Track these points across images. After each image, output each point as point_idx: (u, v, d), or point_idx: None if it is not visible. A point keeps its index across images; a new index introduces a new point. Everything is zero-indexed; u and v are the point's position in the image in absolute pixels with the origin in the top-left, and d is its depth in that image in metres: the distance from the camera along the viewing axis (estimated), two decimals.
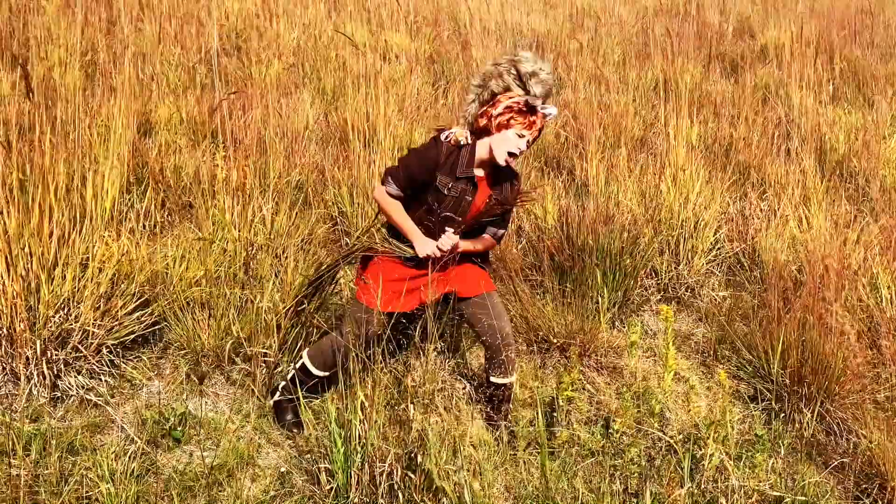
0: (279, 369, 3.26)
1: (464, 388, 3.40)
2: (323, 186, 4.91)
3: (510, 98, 2.85)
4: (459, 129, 2.94)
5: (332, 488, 2.69)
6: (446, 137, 2.91)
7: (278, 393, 3.14)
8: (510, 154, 2.86)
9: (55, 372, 3.07)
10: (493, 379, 3.08)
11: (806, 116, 6.04)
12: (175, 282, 3.44)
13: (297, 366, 3.09)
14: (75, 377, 3.10)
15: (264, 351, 3.24)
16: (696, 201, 4.51)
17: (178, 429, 2.95)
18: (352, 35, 7.84)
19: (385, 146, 4.83)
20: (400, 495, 2.60)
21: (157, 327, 3.39)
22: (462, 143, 2.89)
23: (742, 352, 3.63)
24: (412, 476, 2.59)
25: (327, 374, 3.08)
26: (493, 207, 2.96)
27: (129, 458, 2.73)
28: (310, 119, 5.78)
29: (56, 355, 3.08)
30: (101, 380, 3.15)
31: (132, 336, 3.25)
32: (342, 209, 4.68)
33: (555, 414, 3.15)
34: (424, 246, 2.93)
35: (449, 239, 2.93)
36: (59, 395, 3.06)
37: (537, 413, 3.25)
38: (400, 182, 2.90)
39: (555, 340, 3.59)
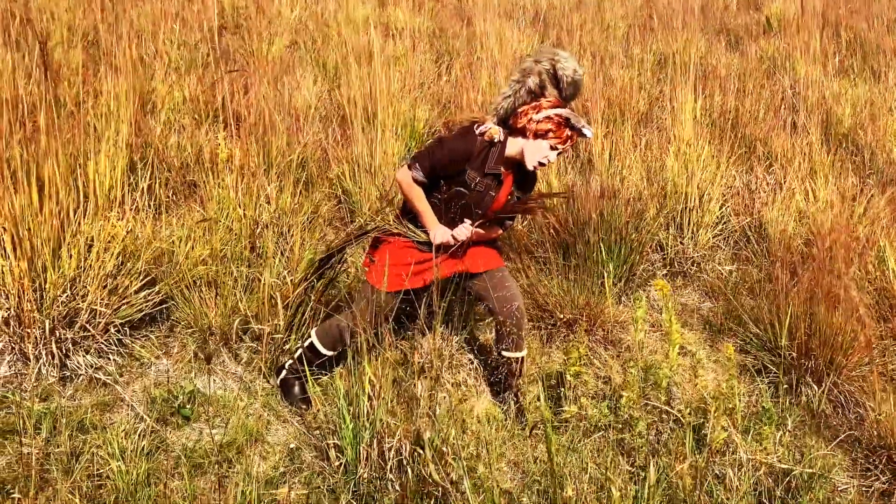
0: (287, 347, 3.27)
1: (471, 364, 3.41)
2: (326, 165, 4.89)
3: (553, 108, 2.85)
4: (493, 125, 2.92)
5: (341, 464, 2.70)
6: (480, 132, 2.89)
7: (285, 371, 3.15)
8: (539, 163, 2.87)
9: (64, 351, 3.08)
10: (504, 353, 3.09)
11: (812, 89, 5.99)
12: (181, 260, 3.44)
13: (306, 344, 3.10)
14: (84, 356, 3.11)
15: (271, 330, 3.24)
16: (701, 175, 4.49)
17: (187, 407, 2.97)
18: (354, 11, 7.79)
19: (386, 124, 4.80)
20: (409, 471, 2.61)
21: (164, 306, 3.40)
22: (496, 139, 2.88)
23: (749, 325, 3.62)
24: (421, 452, 2.60)
25: (334, 352, 3.09)
26: (515, 206, 2.98)
27: (139, 436, 2.75)
28: (312, 97, 5.75)
29: (64, 335, 3.08)
30: (109, 359, 3.16)
31: (139, 315, 3.26)
32: (345, 187, 4.67)
33: (562, 389, 3.16)
34: (440, 233, 2.94)
35: (465, 230, 2.93)
36: (67, 374, 3.07)
37: (544, 388, 3.26)
38: (426, 169, 2.89)
39: (561, 316, 3.59)
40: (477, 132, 2.89)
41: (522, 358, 3.15)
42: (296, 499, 2.62)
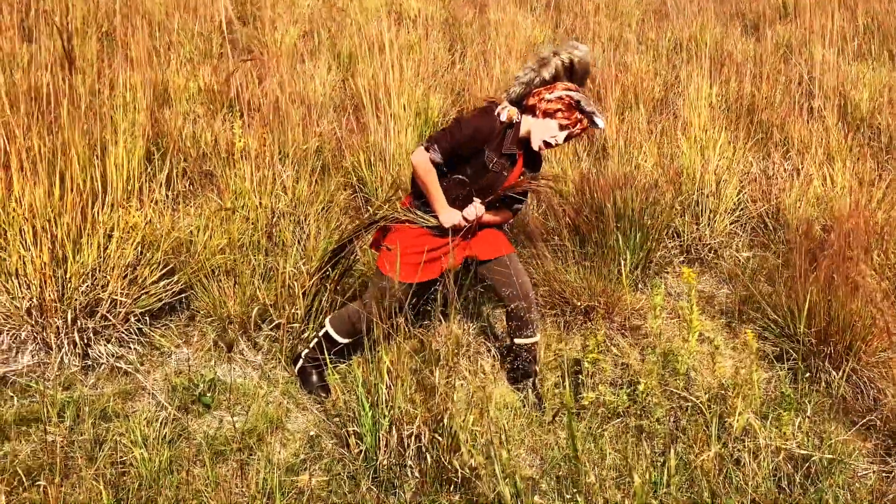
0: (305, 335, 3.29)
1: (488, 352, 3.41)
2: (341, 154, 4.90)
3: (567, 89, 2.87)
4: (511, 106, 2.94)
5: (360, 451, 2.72)
6: (499, 114, 2.90)
7: (301, 359, 3.17)
8: (545, 143, 2.88)
9: (85, 341, 3.11)
10: (517, 340, 3.10)
11: (829, 74, 5.94)
12: (200, 250, 3.46)
13: (321, 333, 3.12)
14: (105, 345, 3.14)
15: (289, 319, 3.26)
16: (717, 162, 4.47)
17: (208, 395, 2.99)
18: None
19: (399, 113, 4.80)
20: (428, 457, 2.62)
21: (183, 295, 3.42)
22: (515, 120, 2.91)
23: (767, 312, 3.61)
24: (440, 438, 2.61)
25: (350, 340, 3.10)
26: (524, 183, 2.98)
27: (161, 423, 2.78)
28: (326, 86, 5.76)
29: (85, 324, 3.11)
30: (130, 348, 3.19)
31: (159, 304, 3.28)
32: (360, 176, 4.68)
33: (580, 376, 3.16)
34: (450, 216, 2.94)
35: (475, 209, 2.94)
36: (89, 363, 3.10)
37: (563, 375, 3.27)
38: (444, 150, 2.88)
39: (578, 303, 3.58)
40: (496, 113, 2.90)
41: (535, 344, 3.16)
42: (316, 485, 2.64)
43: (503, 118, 2.88)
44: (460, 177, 2.93)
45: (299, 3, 7.83)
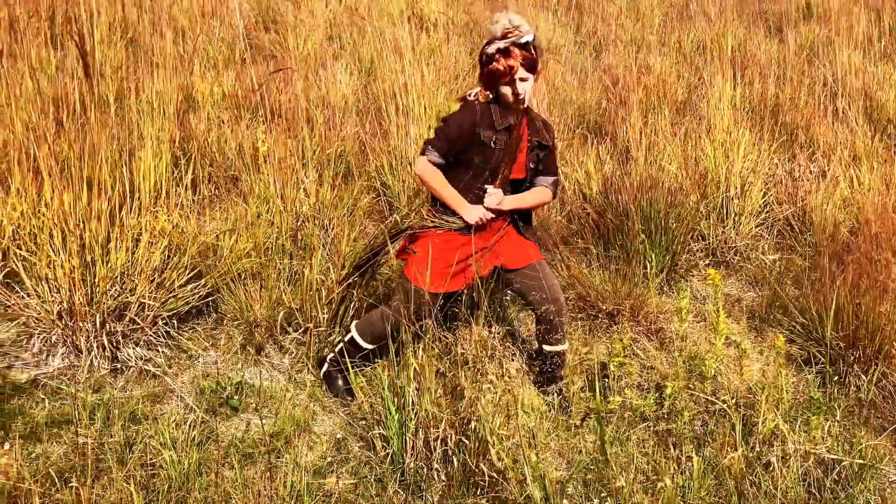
0: (331, 339, 3.30)
1: (513, 356, 3.41)
2: (364, 158, 4.92)
3: (485, 52, 2.90)
4: (479, 88, 2.98)
5: (387, 454, 2.73)
6: (473, 96, 2.95)
7: (327, 364, 3.18)
8: (512, 97, 2.88)
9: (114, 344, 3.15)
10: (545, 347, 3.09)
11: (854, 75, 5.88)
12: (226, 254, 3.49)
13: (346, 338, 3.13)
14: (133, 348, 3.17)
15: (314, 324, 3.28)
16: (742, 164, 4.44)
17: (235, 398, 3.01)
18: (387, 4, 7.80)
19: (421, 116, 4.81)
20: (454, 460, 2.63)
21: (210, 299, 3.45)
22: (490, 97, 2.94)
23: (794, 315, 3.58)
24: (466, 442, 2.61)
25: (375, 346, 3.11)
26: (531, 142, 2.97)
27: (189, 426, 2.80)
28: (348, 91, 5.78)
29: (114, 328, 3.15)
30: (158, 351, 3.22)
31: (186, 308, 3.31)
32: (384, 180, 4.69)
33: (606, 380, 3.16)
34: (471, 212, 2.94)
35: (494, 195, 2.94)
36: (118, 366, 3.13)
37: (589, 379, 3.26)
38: (441, 149, 2.92)
39: (604, 307, 3.57)
40: (470, 98, 2.96)
41: (564, 351, 3.15)
42: (344, 488, 2.65)
43: (479, 98, 2.93)
44: (471, 168, 2.93)
45: (320, 9, 7.87)
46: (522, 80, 2.87)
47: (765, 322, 3.75)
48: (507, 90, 2.88)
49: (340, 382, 3.14)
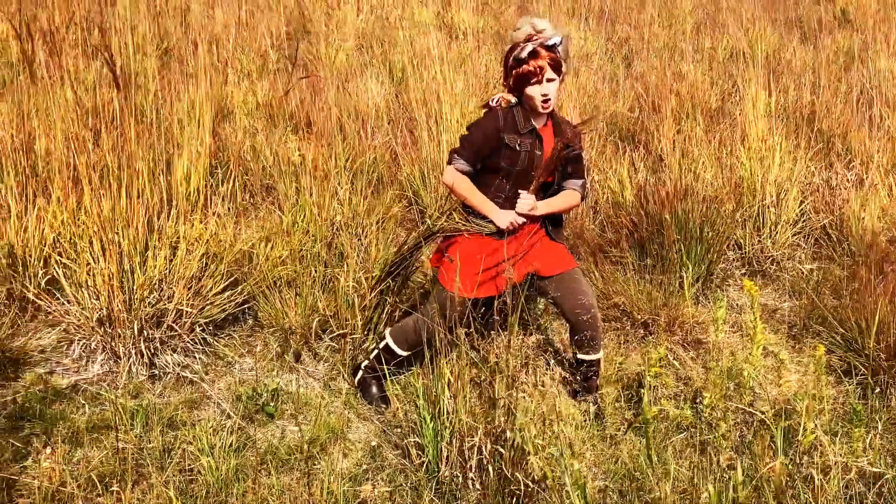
0: (365, 346, 3.31)
1: (547, 365, 3.40)
2: (396, 167, 4.94)
3: (511, 55, 2.92)
4: (503, 93, 3.00)
5: (422, 462, 2.73)
6: (496, 102, 2.97)
7: (361, 370, 3.19)
8: (541, 102, 2.89)
9: (152, 350, 3.18)
10: (580, 356, 3.08)
11: (893, 82, 5.80)
12: (262, 262, 3.52)
13: (381, 345, 3.14)
14: (171, 355, 3.21)
15: (349, 331, 3.29)
16: (778, 172, 4.39)
17: (271, 404, 3.03)
18: (418, 14, 7.84)
19: (452, 125, 4.82)
20: (490, 469, 2.62)
21: (246, 306, 3.48)
22: (513, 102, 2.96)
23: (834, 326, 3.52)
24: (502, 451, 2.60)
25: (409, 353, 3.12)
26: (560, 150, 2.97)
27: (227, 432, 2.82)
28: (380, 100, 5.81)
29: (152, 334, 3.18)
30: (195, 357, 3.26)
31: (223, 315, 3.34)
32: (415, 188, 4.71)
33: (642, 390, 3.13)
34: (502, 216, 2.95)
35: (525, 199, 2.94)
36: (156, 372, 3.17)
37: (624, 389, 3.24)
38: (468, 157, 2.94)
39: (639, 316, 3.55)
40: (493, 104, 2.98)
41: (599, 360, 3.13)
42: (379, 496, 2.65)
43: (502, 104, 2.95)
44: (500, 173, 2.95)
45: (351, 19, 7.94)
46: (549, 80, 2.89)
47: (803, 332, 3.70)
48: (534, 91, 2.89)
49: (375, 389, 3.15)
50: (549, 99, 2.91)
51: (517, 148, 2.91)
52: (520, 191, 2.96)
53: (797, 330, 3.73)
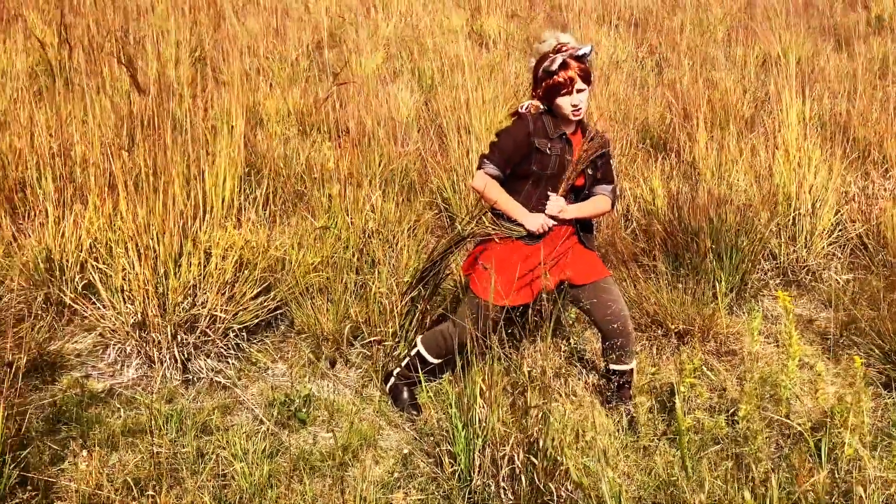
0: (396, 353, 3.31)
1: (579, 374, 3.37)
2: (426, 174, 4.95)
3: (541, 67, 2.93)
4: (531, 101, 3.03)
5: (454, 471, 2.72)
6: (526, 108, 3.00)
7: (393, 378, 3.19)
8: (572, 111, 2.92)
9: (185, 355, 3.21)
10: (612, 366, 3.05)
11: None
12: (294, 268, 3.54)
13: (413, 353, 3.13)
14: (205, 360, 3.23)
15: (381, 338, 3.30)
16: (813, 181, 4.33)
17: (303, 410, 3.04)
18: (447, 22, 7.86)
19: (481, 134, 4.82)
20: (522, 479, 2.60)
21: (278, 312, 3.50)
22: (542, 108, 2.99)
23: (871, 337, 3.46)
24: (535, 460, 2.58)
25: (441, 360, 3.11)
26: (588, 148, 2.98)
27: (260, 438, 2.83)
28: (410, 108, 5.83)
29: (186, 339, 3.21)
30: (228, 363, 3.28)
31: (256, 320, 3.36)
32: (445, 196, 4.71)
33: (675, 400, 3.09)
34: (532, 219, 2.95)
35: (555, 201, 2.95)
36: (190, 377, 3.19)
37: (657, 400, 3.20)
38: (497, 162, 2.96)
39: (672, 326, 3.51)
40: (522, 110, 3.00)
41: (632, 370, 3.11)
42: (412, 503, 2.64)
43: (531, 110, 2.98)
44: (530, 177, 2.95)
45: (382, 27, 7.98)
46: (580, 91, 2.91)
47: (839, 344, 3.64)
48: (564, 102, 2.91)
49: (406, 396, 3.15)
50: (580, 108, 2.92)
51: (548, 152, 2.92)
52: (549, 192, 2.96)
53: (833, 341, 3.67)
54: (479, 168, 3.00)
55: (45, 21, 6.96)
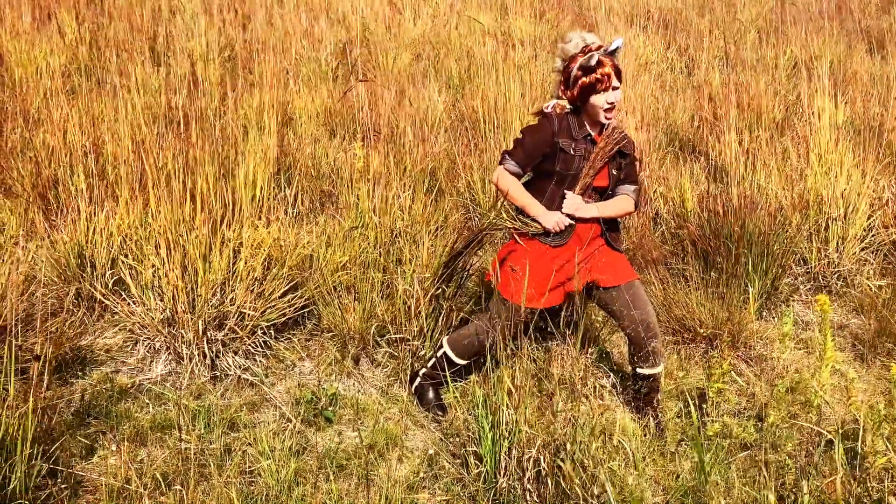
0: (422, 353, 3.31)
1: (607, 378, 3.35)
2: (455, 174, 4.95)
3: (574, 66, 2.91)
4: (556, 101, 3.02)
5: (480, 472, 2.71)
6: (551, 108, 2.99)
7: (419, 378, 3.19)
8: (606, 109, 2.91)
9: (214, 352, 3.23)
10: (639, 370, 3.03)
11: None
12: (322, 266, 3.55)
13: (439, 353, 3.13)
14: (233, 357, 3.25)
15: (407, 336, 3.30)
16: (845, 185, 4.27)
17: (330, 409, 3.05)
18: (475, 22, 7.85)
19: (509, 134, 4.81)
20: (548, 481, 2.59)
21: (306, 310, 3.51)
22: (568, 109, 2.98)
23: None
24: (561, 464, 2.57)
25: (467, 361, 3.11)
26: (606, 146, 2.96)
27: (287, 435, 2.84)
28: (439, 107, 5.83)
29: (214, 336, 3.23)
30: (256, 360, 3.30)
31: (283, 318, 3.38)
32: (474, 196, 4.70)
33: (704, 405, 3.06)
34: (549, 217, 2.96)
35: (572, 199, 2.94)
36: (218, 374, 3.22)
37: (688, 404, 3.17)
38: (519, 159, 2.98)
39: (701, 331, 3.48)
40: (548, 109, 3.00)
41: (659, 374, 3.08)
42: None
43: (556, 110, 2.97)
44: (554, 177, 2.95)
45: (409, 28, 7.98)
46: (615, 88, 2.91)
47: (871, 351, 3.58)
48: (599, 100, 2.89)
49: (432, 396, 3.15)
50: (614, 107, 2.91)
51: (572, 152, 2.92)
52: (566, 191, 2.95)
53: (865, 348, 3.61)
54: (500, 163, 3.03)
55: (78, 21, 7.04)
